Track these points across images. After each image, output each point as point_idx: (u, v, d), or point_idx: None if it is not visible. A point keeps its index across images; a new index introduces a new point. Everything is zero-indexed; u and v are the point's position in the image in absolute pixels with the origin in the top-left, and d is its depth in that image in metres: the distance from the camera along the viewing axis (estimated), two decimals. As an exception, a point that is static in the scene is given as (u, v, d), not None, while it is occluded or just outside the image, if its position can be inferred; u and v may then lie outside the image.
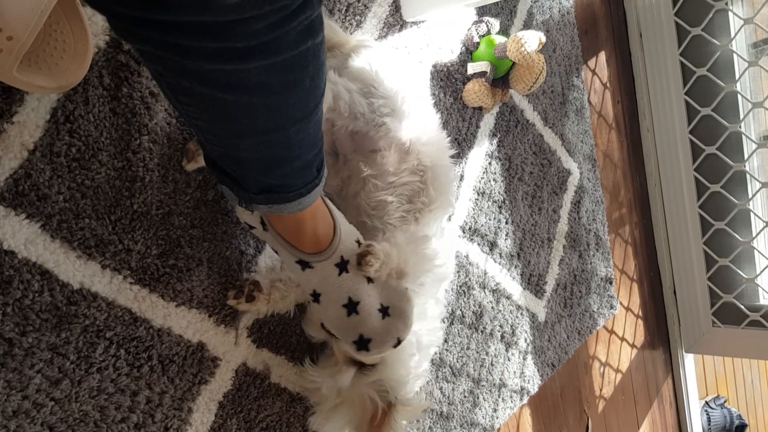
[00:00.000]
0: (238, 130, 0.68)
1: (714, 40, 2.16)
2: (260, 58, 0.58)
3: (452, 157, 1.18)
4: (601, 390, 2.13)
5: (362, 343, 0.92)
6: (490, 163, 1.59)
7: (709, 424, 2.92)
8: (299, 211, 0.82)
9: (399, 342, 0.94)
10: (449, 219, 1.47)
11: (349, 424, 1.03)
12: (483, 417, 1.56)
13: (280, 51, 0.59)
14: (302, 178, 0.79)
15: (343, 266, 0.90)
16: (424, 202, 1.09)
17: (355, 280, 0.92)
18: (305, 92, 0.67)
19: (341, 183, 1.12)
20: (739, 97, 2.21)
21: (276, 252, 0.94)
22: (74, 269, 0.83)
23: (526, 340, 1.73)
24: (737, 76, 2.19)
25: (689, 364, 2.65)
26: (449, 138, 1.19)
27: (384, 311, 0.93)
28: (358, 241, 0.95)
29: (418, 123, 1.09)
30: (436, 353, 1.42)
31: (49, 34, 0.76)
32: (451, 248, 1.12)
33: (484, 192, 1.57)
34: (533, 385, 1.76)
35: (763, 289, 2.32)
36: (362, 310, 0.91)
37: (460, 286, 1.50)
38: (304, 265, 0.89)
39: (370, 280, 0.94)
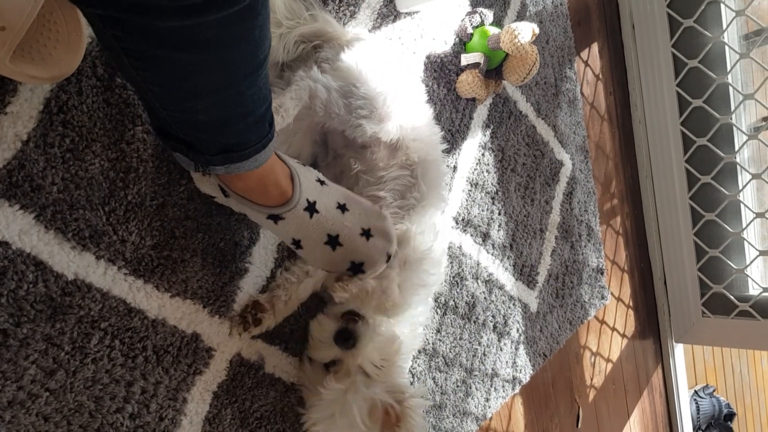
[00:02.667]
0: (194, 90, 0.70)
1: (706, 32, 2.16)
2: (216, 11, 0.60)
3: (444, 151, 1.18)
4: (591, 380, 2.15)
5: (356, 268, 0.98)
6: (483, 155, 1.59)
7: (698, 413, 2.96)
8: (256, 168, 0.84)
9: (389, 257, 0.99)
10: (442, 212, 1.47)
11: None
12: (475, 406, 1.58)
13: (234, 2, 0.60)
14: (257, 133, 0.80)
15: (311, 208, 0.94)
16: (416, 197, 1.11)
17: (330, 216, 0.95)
18: (255, 44, 0.68)
19: (333, 179, 1.13)
20: (731, 88, 2.22)
21: (244, 214, 0.96)
22: (69, 260, 0.83)
23: (518, 330, 1.74)
24: (729, 68, 2.20)
25: (679, 353, 2.68)
26: (442, 129, 1.20)
27: (366, 234, 0.97)
28: (319, 180, 0.97)
29: (408, 119, 1.10)
30: (429, 343, 1.43)
31: (42, 24, 0.76)
32: (444, 254, 1.16)
33: (477, 183, 1.57)
34: (525, 375, 1.77)
35: (752, 280, 2.34)
36: (345, 240, 0.96)
37: (453, 277, 1.51)
38: (276, 218, 0.92)
39: (344, 209, 0.97)
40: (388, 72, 1.08)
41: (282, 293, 1.07)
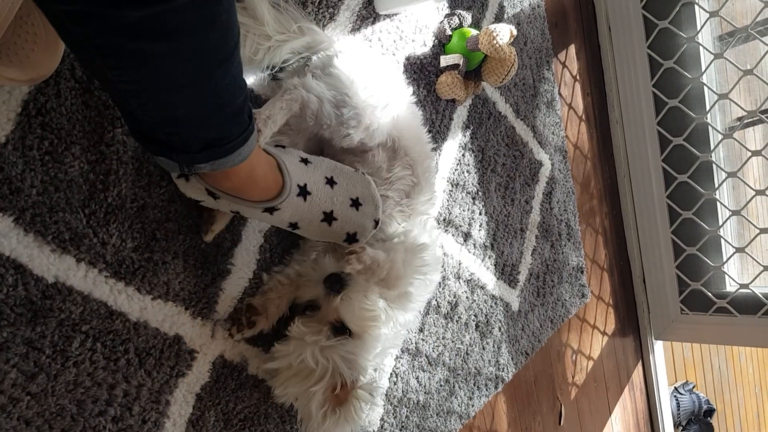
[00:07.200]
0: (170, 83, 0.70)
1: (681, 33, 2.20)
2: None
3: (431, 150, 1.22)
4: (573, 377, 2.17)
5: (351, 238, 1.05)
6: (463, 155, 1.60)
7: (678, 410, 2.99)
8: (240, 163, 0.84)
9: (377, 223, 1.05)
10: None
11: (305, 388, 1.03)
12: (459, 405, 1.59)
13: None
14: (237, 126, 0.80)
15: (304, 191, 0.97)
16: (420, 200, 1.16)
17: (322, 195, 1.00)
18: (223, 29, 0.69)
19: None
20: (705, 89, 2.25)
21: (237, 213, 0.97)
22: (49, 263, 0.82)
23: (500, 329, 1.75)
24: (703, 69, 2.23)
25: (659, 350, 2.71)
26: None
27: (356, 203, 1.03)
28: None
29: (401, 122, 1.12)
30: (412, 343, 1.44)
31: (20, 26, 0.75)
32: (440, 260, 1.21)
33: (457, 183, 1.58)
34: (508, 374, 1.78)
35: (729, 277, 2.38)
36: (339, 214, 1.01)
37: (435, 277, 1.51)
38: (272, 210, 0.95)
39: (332, 182, 1.02)
40: (379, 79, 1.10)
41: (274, 296, 1.08)
